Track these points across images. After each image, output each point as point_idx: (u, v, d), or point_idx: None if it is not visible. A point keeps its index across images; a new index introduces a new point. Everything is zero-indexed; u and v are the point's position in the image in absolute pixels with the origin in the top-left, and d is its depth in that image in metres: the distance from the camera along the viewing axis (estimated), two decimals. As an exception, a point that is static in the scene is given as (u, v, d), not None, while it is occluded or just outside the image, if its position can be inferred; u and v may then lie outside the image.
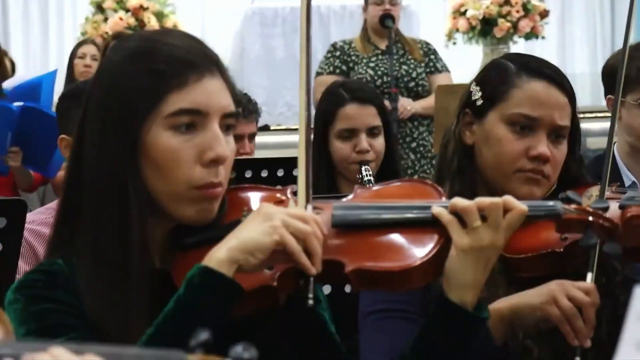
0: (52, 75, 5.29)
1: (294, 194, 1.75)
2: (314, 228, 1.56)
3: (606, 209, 1.80)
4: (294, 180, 3.42)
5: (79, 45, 6.74)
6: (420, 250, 1.68)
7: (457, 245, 1.69)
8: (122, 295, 1.61)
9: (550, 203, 1.80)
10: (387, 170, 3.40)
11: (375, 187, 1.89)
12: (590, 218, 1.78)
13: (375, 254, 1.68)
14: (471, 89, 2.18)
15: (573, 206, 1.79)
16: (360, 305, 2.07)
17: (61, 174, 4.81)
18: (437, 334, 1.74)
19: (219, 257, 1.54)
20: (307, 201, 1.63)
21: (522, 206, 1.71)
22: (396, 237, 1.70)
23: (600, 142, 5.56)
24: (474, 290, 1.71)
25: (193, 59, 1.66)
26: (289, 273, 1.61)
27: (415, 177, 5.69)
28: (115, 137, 1.64)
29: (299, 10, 1.63)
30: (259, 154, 4.41)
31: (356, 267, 1.64)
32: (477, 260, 1.69)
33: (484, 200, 1.71)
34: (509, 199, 1.71)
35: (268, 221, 1.54)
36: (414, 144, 5.80)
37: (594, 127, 7.22)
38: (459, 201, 1.70)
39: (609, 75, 3.36)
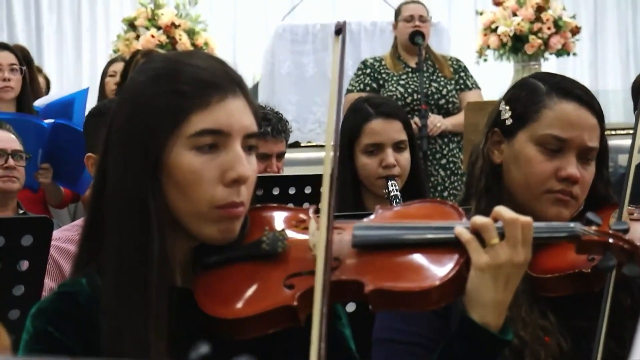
0: (84, 92, 5.33)
1: (316, 212, 1.75)
2: None
3: (626, 230, 1.78)
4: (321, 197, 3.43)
5: (110, 63, 6.78)
6: (440, 270, 1.67)
7: (475, 263, 1.68)
8: (141, 313, 1.61)
9: (570, 225, 1.78)
10: (413, 185, 3.39)
11: (396, 208, 1.89)
12: (610, 240, 1.76)
13: (395, 275, 1.67)
14: (500, 108, 2.17)
15: (593, 228, 1.77)
16: (374, 329, 2.06)
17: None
18: (458, 354, 1.73)
19: None
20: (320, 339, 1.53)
21: (528, 219, 1.71)
22: (416, 258, 1.70)
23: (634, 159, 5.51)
24: (496, 311, 1.70)
25: (216, 79, 1.67)
26: (310, 293, 1.60)
27: (445, 193, 5.68)
28: (138, 156, 1.65)
29: (330, 27, 1.61)
30: (289, 171, 4.41)
31: (375, 288, 1.64)
32: (495, 279, 1.68)
33: (501, 213, 1.70)
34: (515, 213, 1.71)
35: None
36: (443, 161, 5.79)
37: (627, 143, 7.15)
38: (478, 218, 1.70)
39: (638, 91, 3.35)
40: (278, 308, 1.62)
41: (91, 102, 5.39)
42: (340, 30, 1.61)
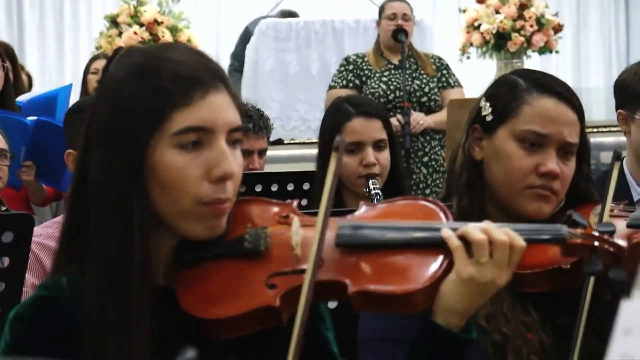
0: (68, 89, 5.30)
1: (300, 208, 1.75)
2: None
3: (612, 232, 1.76)
4: (304, 194, 3.44)
5: (92, 60, 6.76)
6: (424, 273, 1.66)
7: (459, 273, 1.66)
8: (124, 313, 1.60)
9: (556, 227, 1.76)
10: (393, 184, 3.40)
11: (381, 206, 1.86)
12: (596, 243, 1.74)
13: (379, 276, 1.65)
14: (481, 105, 2.18)
15: (579, 231, 1.76)
16: (359, 328, 2.06)
17: (73, 188, 4.82)
18: (424, 354, 1.72)
19: None
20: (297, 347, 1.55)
21: (522, 243, 1.68)
22: (400, 259, 1.68)
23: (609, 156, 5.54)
24: (462, 317, 1.69)
25: (197, 74, 1.64)
26: (292, 293, 1.60)
27: (427, 191, 5.69)
28: (120, 157, 1.62)
29: (313, 25, 1.60)
30: (272, 168, 4.41)
31: (358, 289, 1.63)
32: (473, 292, 1.67)
33: (493, 235, 1.68)
34: (510, 232, 1.69)
35: None
36: (425, 159, 5.80)
37: (609, 140, 7.21)
38: (472, 232, 1.68)
39: (620, 90, 3.36)
40: (260, 308, 1.61)
41: (74, 99, 5.37)
42: (338, 147, 1.59)
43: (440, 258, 1.67)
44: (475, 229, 1.68)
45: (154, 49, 1.90)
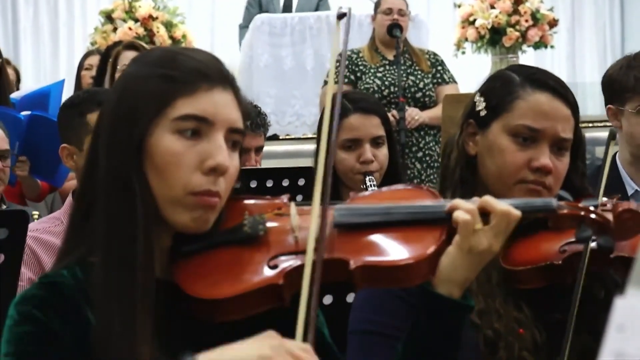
0: (60, 84, 5.30)
1: (290, 200, 1.78)
2: None
3: (596, 206, 1.82)
4: (299, 190, 3.44)
5: (86, 56, 6.76)
6: (421, 246, 1.70)
7: (460, 245, 1.71)
8: (129, 301, 1.61)
9: (546, 199, 1.83)
10: (391, 181, 3.39)
11: (375, 191, 1.93)
12: (582, 213, 1.80)
13: (378, 251, 1.70)
14: (475, 100, 2.18)
15: (565, 202, 1.82)
16: (349, 321, 2.06)
17: (68, 183, 4.81)
18: (425, 328, 1.75)
19: None
20: (306, 332, 1.55)
21: (518, 213, 1.74)
22: (397, 235, 1.72)
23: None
24: (462, 287, 1.75)
25: (207, 70, 1.69)
26: (295, 272, 1.62)
27: (422, 186, 5.69)
28: (122, 138, 1.66)
29: (308, 20, 1.61)
30: (268, 163, 4.41)
31: (360, 264, 1.66)
32: (472, 261, 1.72)
33: (493, 205, 1.73)
34: (509, 206, 1.75)
35: (260, 349, 1.49)
36: (420, 154, 5.81)
37: (604, 135, 7.19)
38: (495, 202, 1.74)
39: (608, 85, 3.37)
40: (264, 287, 1.63)
41: (67, 95, 5.36)
42: (343, 14, 1.60)
43: (438, 232, 1.72)
44: (496, 199, 1.75)
45: (174, 47, 1.96)
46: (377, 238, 1.72)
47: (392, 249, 1.71)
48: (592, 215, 1.80)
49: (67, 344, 1.61)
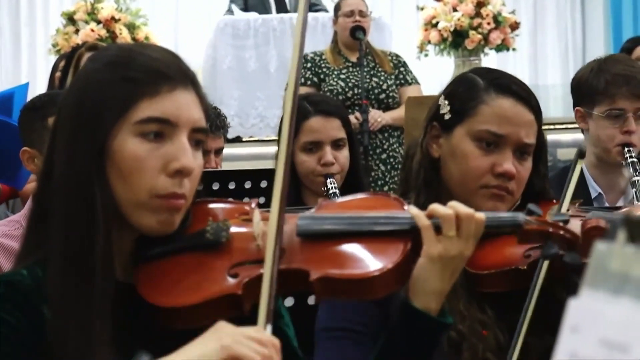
0: (25, 88, 5.24)
1: (259, 206, 1.75)
2: (270, 352, 1.50)
3: (566, 222, 1.81)
4: (261, 192, 3.43)
5: (61, 59, 6.69)
6: (384, 258, 1.68)
7: (428, 253, 1.72)
8: (86, 304, 1.60)
9: (514, 214, 1.82)
10: (352, 183, 3.40)
11: (340, 200, 1.90)
12: (551, 229, 1.79)
13: (340, 263, 1.68)
14: (439, 103, 2.18)
15: (534, 217, 1.80)
16: (317, 319, 2.06)
17: (29, 186, 4.77)
18: (401, 341, 1.76)
19: None
20: (267, 320, 1.55)
21: (482, 216, 1.75)
22: (360, 246, 1.71)
23: (571, 154, 5.59)
24: (438, 299, 1.74)
25: (167, 70, 1.67)
26: (255, 281, 1.60)
27: (386, 188, 5.70)
28: (84, 142, 1.64)
29: (271, 22, 1.61)
30: (231, 166, 4.40)
31: (320, 276, 1.64)
32: (444, 269, 1.73)
33: (457, 209, 1.74)
34: (469, 209, 1.76)
35: (219, 340, 1.49)
36: (384, 155, 5.81)
37: (565, 138, 7.26)
38: (439, 207, 1.74)
39: (577, 87, 3.39)
40: (222, 296, 1.62)
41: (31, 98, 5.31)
42: None
43: (402, 244, 1.71)
44: (441, 206, 1.74)
45: (130, 45, 1.93)
46: (340, 249, 1.70)
47: (355, 261, 1.69)
48: (560, 232, 1.79)
49: (25, 339, 1.59)
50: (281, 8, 8.45)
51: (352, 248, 1.70)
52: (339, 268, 1.66)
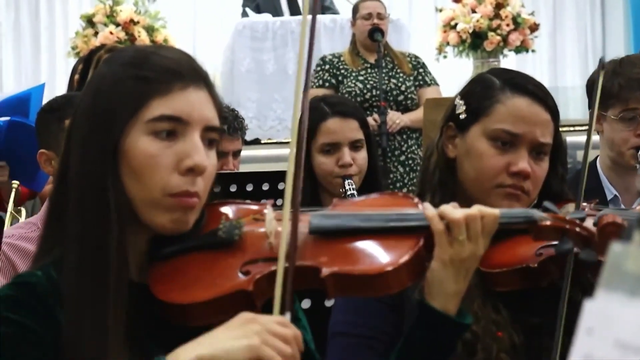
0: (41, 88, 5.26)
1: (276, 207, 1.76)
2: (294, 351, 1.51)
3: (583, 219, 1.81)
4: (279, 194, 3.41)
5: (80, 61, 6.71)
6: (396, 255, 1.69)
7: (440, 256, 1.72)
8: (100, 304, 1.60)
9: (529, 210, 1.83)
10: (370, 184, 3.39)
11: (355, 199, 1.92)
12: (567, 226, 1.79)
13: (351, 259, 1.69)
14: (455, 103, 2.18)
15: (549, 214, 1.80)
16: (331, 321, 2.06)
17: (48, 187, 4.79)
18: (421, 343, 1.76)
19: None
20: (287, 308, 1.56)
21: (495, 211, 1.75)
22: (372, 243, 1.71)
23: (591, 155, 5.55)
24: (455, 299, 1.75)
25: (180, 69, 1.67)
26: (267, 278, 1.61)
27: (404, 190, 5.69)
28: (97, 141, 1.65)
29: (289, 24, 1.61)
30: (249, 168, 4.39)
31: (332, 272, 1.65)
32: (458, 271, 1.73)
33: (468, 212, 1.73)
34: (481, 207, 1.75)
35: (246, 338, 1.49)
36: (402, 157, 5.80)
37: (585, 140, 7.20)
38: (450, 211, 1.73)
39: (591, 89, 3.37)
40: (234, 293, 1.62)
41: (48, 99, 5.33)
42: None
43: (413, 240, 1.71)
44: (451, 209, 1.74)
45: (146, 46, 1.94)
46: (352, 245, 1.71)
47: (367, 257, 1.70)
48: (576, 229, 1.79)
49: (43, 341, 1.59)
50: (294, 9, 8.46)
51: (363, 245, 1.71)
52: (351, 264, 1.67)
